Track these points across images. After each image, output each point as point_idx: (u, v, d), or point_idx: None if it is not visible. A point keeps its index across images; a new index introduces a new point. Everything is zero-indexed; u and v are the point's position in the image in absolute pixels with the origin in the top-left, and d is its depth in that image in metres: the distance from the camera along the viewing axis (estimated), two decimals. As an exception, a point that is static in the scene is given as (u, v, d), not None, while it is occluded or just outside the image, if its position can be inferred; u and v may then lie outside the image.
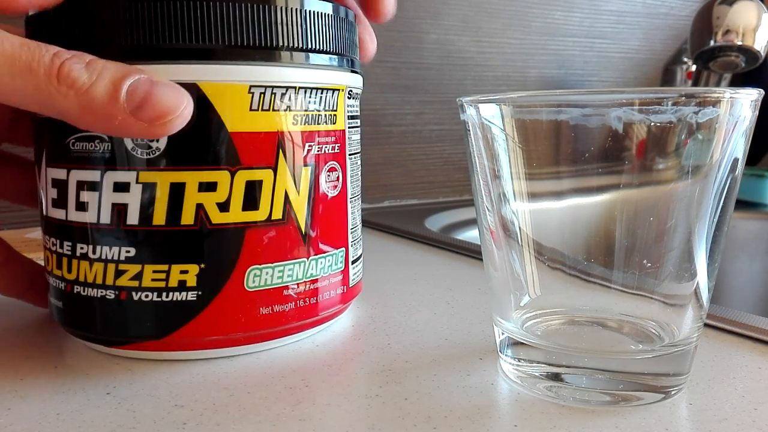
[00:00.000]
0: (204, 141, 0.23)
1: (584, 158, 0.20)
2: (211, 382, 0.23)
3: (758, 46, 0.63)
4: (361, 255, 0.30)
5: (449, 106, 0.73)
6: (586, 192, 0.20)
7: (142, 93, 0.20)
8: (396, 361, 0.25)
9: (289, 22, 0.24)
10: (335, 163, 0.26)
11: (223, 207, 0.23)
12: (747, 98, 0.20)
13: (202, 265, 0.23)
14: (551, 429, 0.19)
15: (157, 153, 0.22)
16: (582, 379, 0.21)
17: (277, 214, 0.24)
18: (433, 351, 0.26)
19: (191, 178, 0.23)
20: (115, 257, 0.23)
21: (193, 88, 0.22)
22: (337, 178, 0.26)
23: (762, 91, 0.20)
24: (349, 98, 0.27)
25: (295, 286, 0.25)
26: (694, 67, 0.77)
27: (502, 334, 0.23)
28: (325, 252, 0.26)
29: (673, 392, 0.21)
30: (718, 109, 0.19)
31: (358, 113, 0.29)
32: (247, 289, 0.24)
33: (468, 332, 0.28)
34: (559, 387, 0.21)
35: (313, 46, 0.24)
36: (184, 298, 0.23)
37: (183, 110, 0.21)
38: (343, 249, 0.27)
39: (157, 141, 0.22)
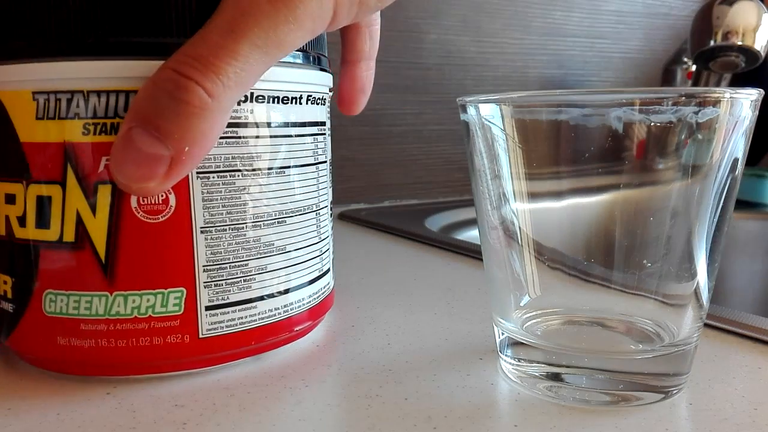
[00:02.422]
0: (4, 152, 0.22)
1: (584, 158, 0.20)
2: (211, 382, 0.23)
3: (758, 46, 0.63)
4: (251, 300, 0.23)
5: (449, 106, 0.73)
6: (586, 192, 0.20)
7: None
8: (396, 361, 0.25)
9: (65, 5, 0.20)
10: None
11: (21, 221, 0.22)
12: (747, 98, 0.20)
13: (14, 279, 0.22)
14: (551, 429, 0.19)
15: None
16: (582, 379, 0.21)
17: (69, 236, 0.21)
18: (433, 351, 0.26)
19: (0, 189, 0.22)
20: None
21: None
22: (163, 201, 0.21)
23: (762, 91, 0.20)
24: None
25: (95, 322, 0.22)
26: (694, 67, 0.77)
27: (502, 334, 0.23)
28: (141, 290, 0.22)
29: (673, 392, 0.21)
30: (718, 109, 0.19)
31: (238, 119, 0.22)
32: (45, 312, 0.22)
33: (468, 332, 0.28)
34: (559, 387, 0.21)
35: (103, 33, 0.20)
36: (6, 308, 0.23)
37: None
38: (182, 289, 0.22)
39: None
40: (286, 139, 0.24)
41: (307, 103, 0.25)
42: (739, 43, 0.63)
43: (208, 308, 0.23)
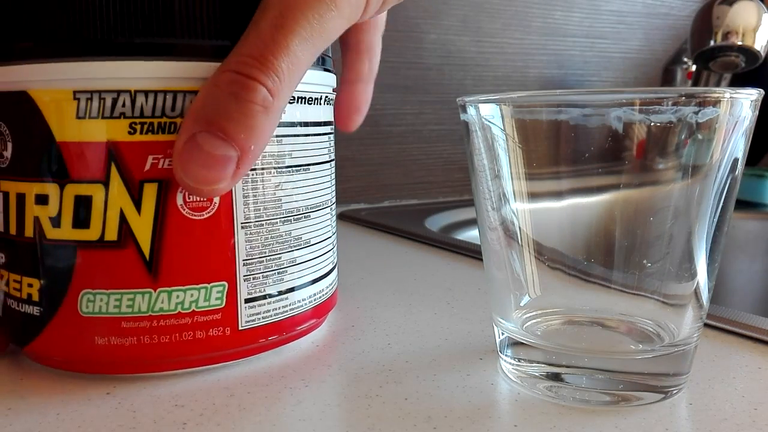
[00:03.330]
0: (34, 151, 0.21)
1: (584, 158, 0.20)
2: (211, 382, 0.23)
3: (758, 46, 0.63)
4: (282, 292, 0.24)
5: (449, 106, 0.73)
6: (586, 192, 0.20)
7: None
8: (396, 361, 0.25)
9: (112, 5, 0.20)
10: None
11: (55, 222, 0.21)
12: (747, 98, 0.20)
13: (42, 281, 0.22)
14: (551, 429, 0.19)
15: (6, 163, 0.22)
16: (582, 379, 0.21)
17: (111, 235, 0.21)
18: (433, 351, 0.26)
19: (29, 189, 0.22)
20: None
21: (22, 96, 0.21)
22: (208, 199, 0.22)
23: (762, 91, 0.20)
24: None
25: (138, 319, 0.22)
26: (694, 67, 0.77)
27: (502, 334, 0.23)
28: (185, 285, 0.22)
29: (673, 392, 0.21)
30: (718, 109, 0.19)
31: None
32: (81, 313, 0.22)
33: (468, 332, 0.28)
34: (559, 387, 0.21)
35: (151, 34, 0.21)
36: (31, 312, 0.23)
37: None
38: (224, 283, 0.23)
39: (6, 150, 0.22)
40: (310, 138, 0.25)
41: (323, 104, 0.26)
42: (739, 43, 0.63)
43: (247, 300, 0.23)
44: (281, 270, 0.24)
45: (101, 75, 0.20)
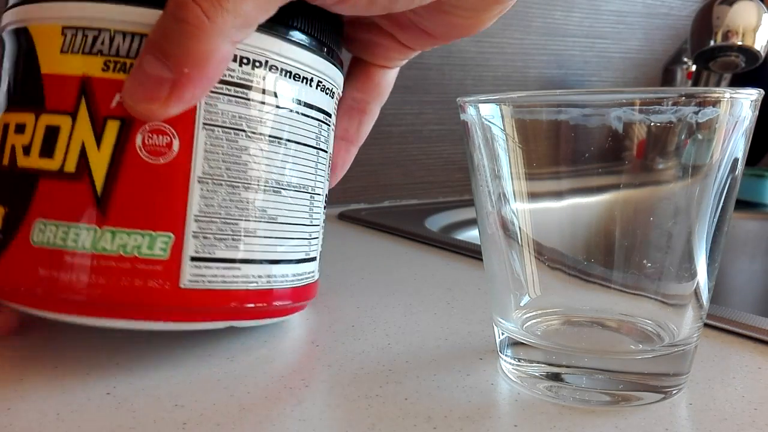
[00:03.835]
0: (23, 82, 0.23)
1: (584, 158, 0.20)
2: (211, 382, 0.23)
3: (758, 46, 0.63)
4: (235, 260, 0.23)
5: (449, 106, 0.73)
6: (586, 192, 0.20)
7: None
8: (396, 361, 0.25)
9: None
10: (166, 126, 0.22)
11: (26, 150, 0.22)
12: (747, 98, 0.20)
13: (7, 208, 0.23)
14: (551, 429, 0.19)
15: (3, 97, 0.23)
16: (582, 379, 0.21)
17: (70, 167, 0.22)
18: (433, 351, 0.26)
19: (12, 119, 0.23)
20: None
21: (23, 31, 0.23)
22: (167, 144, 0.22)
23: (762, 91, 0.20)
24: None
25: (80, 256, 0.22)
26: (694, 67, 0.77)
27: (502, 334, 0.23)
28: (130, 228, 0.22)
29: (673, 392, 0.21)
30: (718, 109, 0.19)
31: (249, 81, 0.23)
32: (32, 242, 0.22)
33: (468, 332, 0.28)
34: (559, 387, 0.21)
35: None
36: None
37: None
38: (171, 235, 0.22)
39: (3, 84, 0.23)
40: (292, 114, 0.25)
41: (317, 89, 0.26)
42: (739, 43, 0.63)
43: (193, 259, 0.23)
44: (236, 237, 0.23)
45: (88, 14, 0.22)
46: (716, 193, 0.20)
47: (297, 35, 0.24)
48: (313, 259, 0.28)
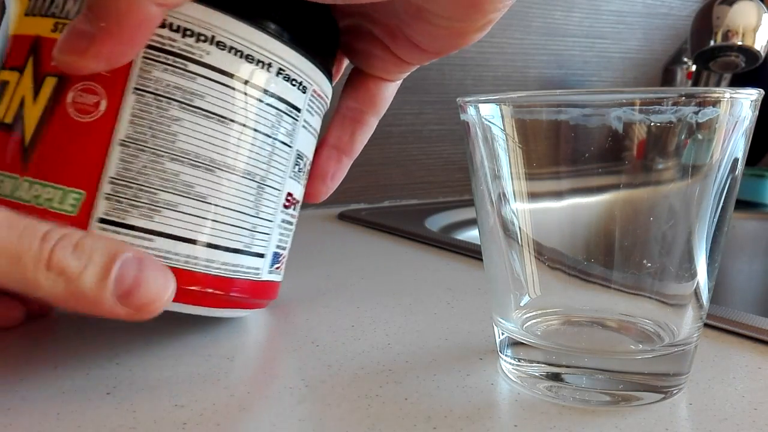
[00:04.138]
0: (4, 45, 0.24)
1: (584, 158, 0.20)
2: (211, 382, 0.23)
3: (758, 46, 0.63)
4: (147, 231, 0.23)
5: (449, 106, 0.73)
6: (586, 192, 0.20)
7: (131, 279, 0.20)
8: (396, 361, 0.25)
9: None
10: (96, 86, 0.22)
11: None
12: (747, 98, 0.20)
13: None
14: (551, 429, 0.19)
15: None
16: (582, 379, 0.21)
17: (8, 118, 0.23)
18: (433, 351, 0.26)
19: None
20: None
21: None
22: (95, 103, 0.22)
23: (762, 91, 0.20)
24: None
25: (0, 201, 0.22)
26: (694, 67, 0.77)
27: (502, 334, 0.23)
28: (46, 180, 0.22)
29: (673, 392, 0.21)
30: (718, 109, 0.19)
31: (191, 54, 0.23)
32: None
33: (468, 332, 0.28)
34: (559, 387, 0.21)
35: None
36: None
37: (168, 296, 0.21)
38: (83, 192, 0.22)
39: None
40: (237, 94, 0.24)
41: (277, 76, 0.25)
42: (739, 43, 0.63)
43: (102, 221, 0.22)
44: (154, 208, 0.23)
45: None
46: (716, 193, 0.20)
47: (254, 16, 0.24)
48: (259, 255, 0.26)
